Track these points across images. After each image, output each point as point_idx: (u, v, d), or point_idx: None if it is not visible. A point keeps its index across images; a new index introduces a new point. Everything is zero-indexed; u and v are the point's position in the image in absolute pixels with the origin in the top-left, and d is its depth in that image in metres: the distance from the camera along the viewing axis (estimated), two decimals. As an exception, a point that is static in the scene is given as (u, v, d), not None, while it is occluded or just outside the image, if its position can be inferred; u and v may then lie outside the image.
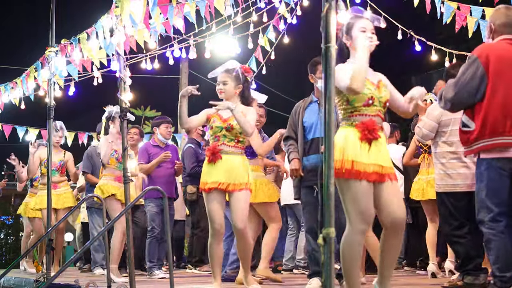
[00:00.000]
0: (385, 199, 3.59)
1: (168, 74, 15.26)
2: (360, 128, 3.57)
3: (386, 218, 3.61)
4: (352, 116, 3.64)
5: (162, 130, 7.43)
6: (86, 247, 7.03)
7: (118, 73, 4.95)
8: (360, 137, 3.55)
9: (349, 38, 3.74)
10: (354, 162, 3.50)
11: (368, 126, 3.56)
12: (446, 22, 6.62)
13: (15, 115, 10.16)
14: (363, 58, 3.57)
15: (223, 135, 4.83)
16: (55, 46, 6.49)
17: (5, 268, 6.94)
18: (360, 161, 3.51)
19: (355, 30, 3.70)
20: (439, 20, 6.69)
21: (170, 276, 4.59)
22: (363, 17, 3.76)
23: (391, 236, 3.63)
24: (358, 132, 3.57)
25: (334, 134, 2.71)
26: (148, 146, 7.41)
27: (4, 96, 8.55)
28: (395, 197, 3.62)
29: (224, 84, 4.91)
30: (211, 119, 4.89)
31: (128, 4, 5.18)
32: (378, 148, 3.58)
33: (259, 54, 8.50)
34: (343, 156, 3.51)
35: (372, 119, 3.61)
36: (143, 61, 7.97)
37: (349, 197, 3.52)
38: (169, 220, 7.50)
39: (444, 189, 5.04)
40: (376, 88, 3.69)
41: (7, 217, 14.61)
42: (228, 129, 4.83)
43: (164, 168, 7.28)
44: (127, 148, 4.93)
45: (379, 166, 3.55)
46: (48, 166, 6.55)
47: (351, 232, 3.53)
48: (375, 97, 3.66)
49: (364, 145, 3.55)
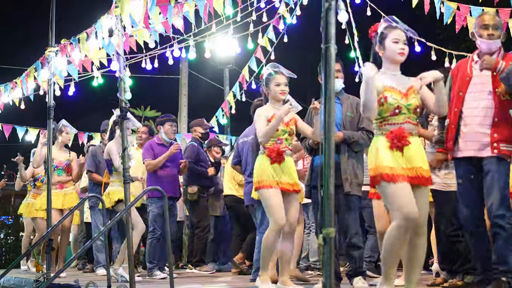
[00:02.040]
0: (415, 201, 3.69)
1: (168, 74, 15.27)
2: (389, 138, 3.73)
3: None
4: (382, 126, 3.81)
5: (167, 128, 7.41)
6: (86, 247, 7.03)
7: (118, 73, 4.96)
8: (390, 146, 3.71)
9: (382, 48, 3.89)
10: (391, 168, 3.65)
11: (396, 135, 3.72)
12: (446, 22, 6.62)
13: (15, 115, 10.16)
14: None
15: (285, 138, 4.94)
16: (55, 46, 6.49)
17: (5, 268, 6.93)
18: (394, 166, 3.66)
19: (387, 41, 3.85)
20: (439, 21, 6.69)
21: (170, 276, 4.59)
22: (397, 27, 3.88)
23: (414, 239, 3.72)
24: (387, 142, 3.72)
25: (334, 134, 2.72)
26: (153, 144, 7.38)
27: (4, 96, 8.55)
28: (421, 200, 3.73)
29: (286, 85, 5.04)
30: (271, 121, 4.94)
31: (128, 4, 5.18)
32: (411, 152, 3.72)
33: (260, 54, 8.50)
34: (379, 163, 3.68)
35: (400, 127, 3.75)
36: (143, 61, 7.97)
37: (388, 197, 3.66)
38: (173, 220, 7.57)
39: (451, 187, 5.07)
40: (404, 96, 3.81)
41: (7, 217, 14.60)
42: (290, 134, 4.99)
43: (169, 168, 7.28)
44: (127, 148, 4.93)
45: (413, 169, 3.70)
46: (48, 166, 6.55)
47: (393, 228, 3.64)
48: (402, 106, 3.79)
49: (396, 152, 3.70)
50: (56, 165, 7.61)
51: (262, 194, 4.88)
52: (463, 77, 4.35)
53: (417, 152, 3.75)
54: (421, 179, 3.72)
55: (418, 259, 3.77)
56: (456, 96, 4.34)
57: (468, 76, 4.33)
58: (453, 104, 4.35)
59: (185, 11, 6.25)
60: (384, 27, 3.91)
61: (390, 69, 3.90)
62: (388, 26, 3.90)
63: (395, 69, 3.91)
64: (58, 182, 7.65)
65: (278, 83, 5.00)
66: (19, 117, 10.38)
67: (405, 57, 3.87)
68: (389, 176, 3.62)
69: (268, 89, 5.05)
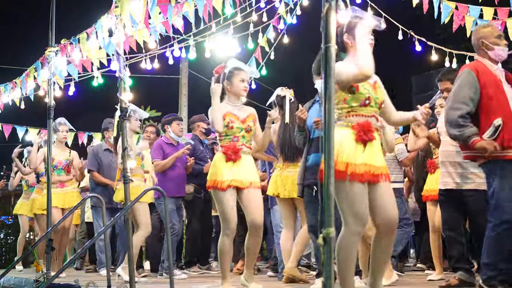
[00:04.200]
0: (377, 199, 3.61)
1: (168, 74, 15.25)
2: (356, 130, 3.60)
3: (378, 217, 3.63)
4: (348, 117, 3.67)
5: (174, 127, 7.43)
6: (86, 247, 7.02)
7: (118, 73, 4.96)
8: (356, 138, 3.58)
9: (350, 38, 3.75)
10: (348, 164, 3.52)
11: (364, 128, 3.59)
12: (444, 22, 6.62)
13: (15, 115, 10.16)
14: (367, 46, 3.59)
15: (242, 136, 4.86)
16: (55, 46, 6.49)
17: (5, 268, 6.93)
18: (353, 162, 3.53)
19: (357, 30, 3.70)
20: (439, 20, 6.69)
21: (170, 276, 4.59)
22: (365, 17, 3.75)
23: (383, 236, 3.66)
24: (353, 133, 3.60)
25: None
26: (162, 143, 7.37)
27: (4, 96, 8.54)
28: (387, 197, 3.64)
29: (248, 84, 4.98)
30: (226, 118, 4.84)
31: (128, 4, 5.18)
32: (372, 149, 3.61)
33: (259, 54, 8.50)
34: (337, 158, 3.52)
35: (368, 121, 3.65)
36: (143, 61, 7.96)
37: (343, 198, 3.53)
38: (181, 220, 7.55)
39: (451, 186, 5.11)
40: (373, 88, 3.73)
41: (7, 217, 14.61)
42: (247, 130, 4.88)
43: (178, 168, 7.27)
44: (127, 148, 4.93)
45: (372, 167, 3.58)
46: (48, 166, 6.55)
47: (346, 233, 3.55)
48: (372, 97, 3.69)
49: (359, 146, 3.58)
50: (55, 165, 7.60)
51: (215, 195, 4.83)
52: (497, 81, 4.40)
53: (378, 149, 3.66)
54: (383, 175, 3.62)
55: (386, 258, 3.72)
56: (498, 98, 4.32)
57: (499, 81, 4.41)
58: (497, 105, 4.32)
59: (185, 11, 6.25)
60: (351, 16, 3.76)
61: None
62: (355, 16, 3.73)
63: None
64: (58, 181, 7.63)
65: (242, 79, 4.89)
66: (19, 117, 10.39)
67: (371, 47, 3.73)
68: (346, 173, 3.49)
69: (230, 83, 4.92)
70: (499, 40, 4.48)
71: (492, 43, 4.46)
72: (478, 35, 4.54)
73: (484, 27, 4.64)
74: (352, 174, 3.50)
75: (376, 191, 3.61)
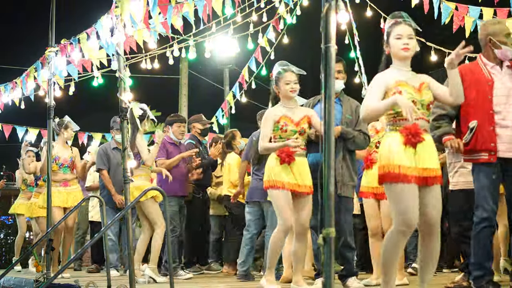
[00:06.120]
0: (423, 201, 3.67)
1: (168, 74, 15.26)
2: (404, 133, 3.67)
3: (420, 219, 3.67)
4: (395, 121, 3.75)
5: (175, 129, 7.41)
6: (86, 247, 7.03)
7: (118, 73, 4.96)
8: (404, 141, 3.65)
9: (388, 46, 3.88)
10: (400, 167, 3.60)
11: (411, 131, 3.66)
12: (444, 22, 6.62)
13: (15, 115, 10.16)
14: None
15: (295, 138, 4.88)
16: (55, 46, 6.49)
17: (5, 268, 6.94)
18: (404, 165, 3.61)
19: (391, 38, 3.83)
20: (438, 21, 6.69)
21: (170, 276, 4.59)
22: (401, 22, 3.85)
23: (426, 238, 3.73)
24: (402, 137, 3.67)
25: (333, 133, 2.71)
26: (165, 142, 7.38)
27: (4, 96, 8.55)
28: (432, 199, 3.70)
29: (296, 83, 5.01)
30: (280, 121, 4.91)
31: (128, 4, 5.18)
32: (424, 150, 3.67)
33: (259, 54, 8.50)
34: (389, 161, 3.62)
35: (415, 123, 3.69)
36: (143, 61, 7.96)
37: (392, 199, 3.63)
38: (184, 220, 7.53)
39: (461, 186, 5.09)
40: (417, 91, 3.78)
41: (7, 217, 14.60)
42: (301, 133, 4.92)
43: (181, 168, 7.28)
44: (127, 148, 4.93)
45: (423, 170, 3.65)
46: (48, 166, 6.54)
47: (393, 232, 3.63)
48: (417, 100, 3.74)
49: (409, 149, 3.65)
50: (61, 163, 7.56)
51: (270, 193, 4.91)
52: (483, 82, 4.35)
53: (430, 150, 3.71)
54: (432, 178, 3.67)
55: (432, 259, 3.75)
56: (482, 99, 4.32)
57: (490, 81, 4.36)
58: (476, 107, 4.32)
59: (185, 11, 6.25)
60: (388, 25, 3.88)
61: (399, 65, 3.86)
62: (392, 22, 3.87)
63: (403, 65, 3.87)
64: (63, 180, 7.58)
65: (287, 81, 4.98)
66: (19, 117, 10.39)
67: (410, 52, 3.83)
68: (398, 175, 3.58)
69: (278, 88, 5.04)
70: (506, 38, 4.37)
71: (500, 41, 4.37)
72: (487, 31, 4.44)
73: (494, 23, 4.52)
74: (403, 176, 3.58)
75: (426, 192, 3.68)
